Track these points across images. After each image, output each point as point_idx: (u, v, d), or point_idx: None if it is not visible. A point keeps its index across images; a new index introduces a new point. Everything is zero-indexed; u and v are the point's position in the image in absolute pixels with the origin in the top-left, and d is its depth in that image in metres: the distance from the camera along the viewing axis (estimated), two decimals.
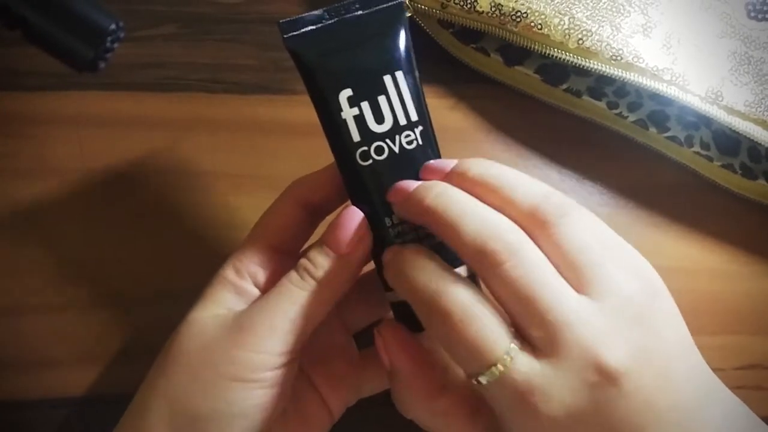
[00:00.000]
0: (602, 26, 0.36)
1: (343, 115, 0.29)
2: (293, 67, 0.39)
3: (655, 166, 0.40)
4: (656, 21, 0.37)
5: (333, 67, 0.29)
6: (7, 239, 0.36)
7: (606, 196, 0.40)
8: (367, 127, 0.29)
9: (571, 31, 0.36)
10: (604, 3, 0.36)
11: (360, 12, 0.29)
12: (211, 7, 0.39)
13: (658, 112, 0.39)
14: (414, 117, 0.29)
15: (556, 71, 0.39)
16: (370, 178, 0.29)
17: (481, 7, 0.36)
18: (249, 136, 0.38)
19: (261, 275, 0.30)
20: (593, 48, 0.36)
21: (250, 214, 0.37)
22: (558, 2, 0.36)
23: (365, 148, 0.29)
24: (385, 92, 0.29)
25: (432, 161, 0.29)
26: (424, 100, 0.29)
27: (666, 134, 0.39)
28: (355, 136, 0.29)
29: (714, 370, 0.27)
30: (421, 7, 0.37)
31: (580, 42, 0.36)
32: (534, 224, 0.26)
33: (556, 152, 0.40)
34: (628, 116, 0.39)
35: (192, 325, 0.30)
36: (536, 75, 0.39)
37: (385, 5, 0.29)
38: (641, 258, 0.27)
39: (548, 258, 0.25)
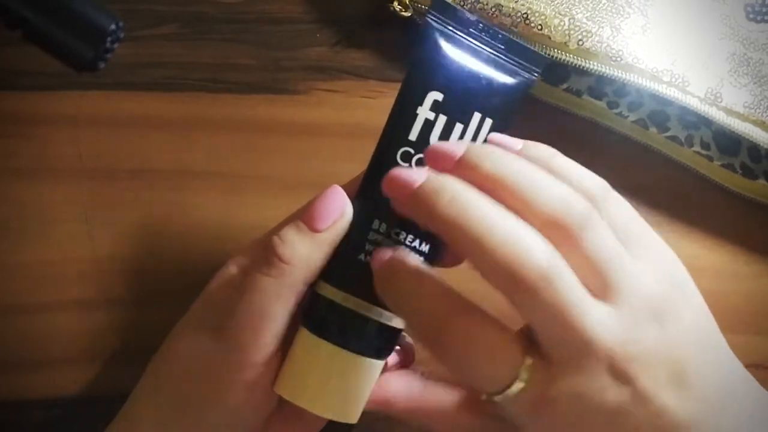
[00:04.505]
0: (602, 27, 0.36)
1: (420, 110, 0.28)
2: (293, 67, 0.39)
3: (655, 166, 0.40)
4: (656, 22, 0.37)
5: (447, 67, 0.28)
6: (7, 239, 0.36)
7: None
8: (429, 136, 0.28)
9: (572, 32, 0.36)
10: (604, 4, 0.36)
11: (502, 47, 0.29)
12: (211, 7, 0.39)
13: (659, 111, 0.39)
14: None
15: (557, 71, 0.39)
16: None
17: (481, 7, 0.36)
18: (249, 136, 0.38)
19: None
20: (593, 49, 0.36)
21: (250, 214, 0.37)
22: (558, 3, 0.36)
23: (412, 151, 0.28)
24: (466, 124, 0.28)
25: (437, 144, 0.27)
26: None
27: (666, 134, 0.39)
28: (413, 135, 0.28)
29: None
30: (422, 7, 0.37)
31: (580, 43, 0.36)
32: (555, 234, 0.24)
33: None
34: (628, 116, 0.39)
35: (187, 321, 0.30)
36: None
37: (524, 64, 0.29)
38: (666, 252, 0.27)
39: (571, 264, 0.24)
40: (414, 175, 0.25)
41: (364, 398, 0.29)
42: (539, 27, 0.36)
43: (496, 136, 0.28)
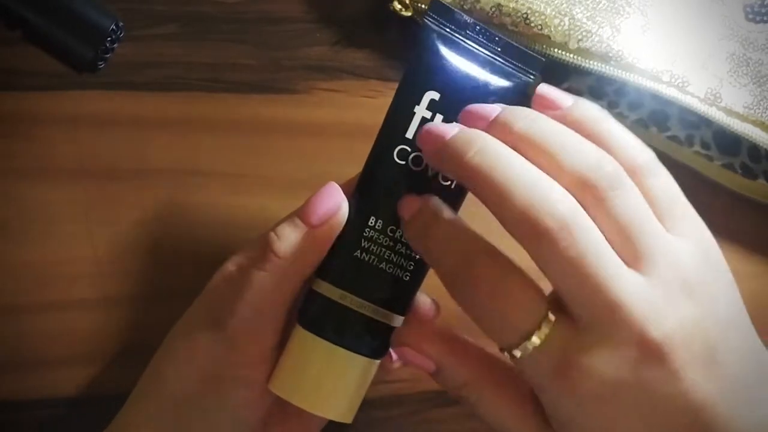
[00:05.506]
0: (602, 27, 0.36)
1: (417, 109, 0.28)
2: (294, 66, 0.39)
3: None
4: (656, 22, 0.37)
5: (444, 68, 0.28)
6: (7, 239, 0.36)
7: None
8: None
9: (572, 31, 0.36)
10: (604, 4, 0.36)
11: (498, 50, 0.29)
12: (211, 7, 0.39)
13: (659, 111, 0.39)
14: None
15: (557, 71, 0.39)
16: (389, 176, 0.28)
17: (481, 8, 0.36)
18: (249, 136, 0.38)
19: None
20: (593, 49, 0.36)
21: (250, 214, 0.37)
22: (558, 3, 0.36)
23: (409, 149, 0.28)
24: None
25: (474, 105, 0.27)
26: None
27: (666, 134, 0.39)
28: (409, 133, 0.28)
29: None
30: (421, 7, 0.37)
31: (580, 43, 0.36)
32: (584, 195, 0.24)
33: None
34: (628, 116, 0.39)
35: (185, 320, 0.30)
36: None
37: (520, 67, 0.29)
38: (704, 232, 0.26)
39: (601, 229, 0.24)
40: (447, 128, 0.26)
41: (360, 398, 0.29)
42: (539, 27, 0.36)
43: (545, 87, 0.27)
